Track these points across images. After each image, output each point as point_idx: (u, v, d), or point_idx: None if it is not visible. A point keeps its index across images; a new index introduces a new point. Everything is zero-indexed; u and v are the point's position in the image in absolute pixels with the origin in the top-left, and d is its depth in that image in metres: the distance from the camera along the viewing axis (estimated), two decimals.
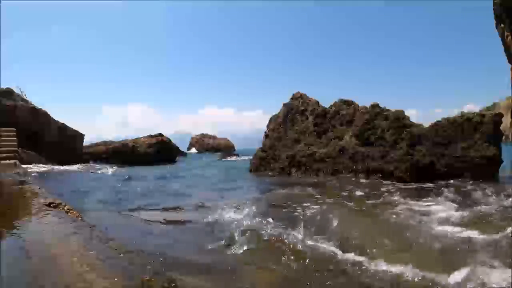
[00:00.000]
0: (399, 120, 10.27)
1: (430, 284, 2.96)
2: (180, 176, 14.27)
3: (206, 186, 10.73)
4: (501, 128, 9.86)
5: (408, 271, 3.14)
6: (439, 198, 6.93)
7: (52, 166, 16.60)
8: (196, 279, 2.92)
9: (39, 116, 20.78)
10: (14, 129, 12.63)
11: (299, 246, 3.97)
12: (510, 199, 6.41)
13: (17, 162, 9.03)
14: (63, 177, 13.38)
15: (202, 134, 58.04)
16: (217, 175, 14.14)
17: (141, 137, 32.89)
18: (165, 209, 6.55)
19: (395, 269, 3.23)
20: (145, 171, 16.53)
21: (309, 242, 4.11)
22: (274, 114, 13.52)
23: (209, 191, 9.52)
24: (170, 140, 34.91)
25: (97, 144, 29.20)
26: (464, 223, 4.87)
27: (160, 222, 5.34)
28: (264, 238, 4.32)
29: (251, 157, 14.10)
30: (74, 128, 23.82)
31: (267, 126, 13.56)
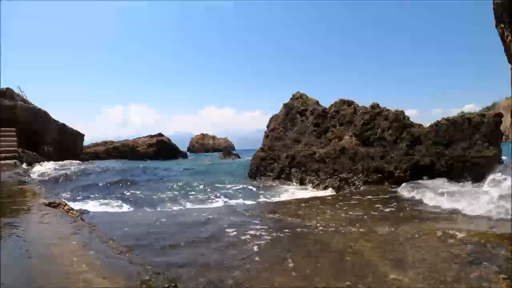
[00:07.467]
0: (399, 120, 10.26)
1: None
2: None
3: None
4: (501, 128, 9.85)
5: None
6: None
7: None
8: None
9: (39, 116, 20.78)
10: (14, 129, 12.64)
11: None
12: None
13: (17, 162, 9.04)
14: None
15: (202, 134, 58.09)
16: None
17: (141, 137, 32.95)
18: None
19: None
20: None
21: None
22: (274, 114, 13.51)
23: None
24: (170, 140, 34.95)
25: (97, 144, 29.22)
26: None
27: None
28: None
29: (249, 158, 13.98)
30: (74, 128, 23.87)
31: (267, 126, 13.54)
